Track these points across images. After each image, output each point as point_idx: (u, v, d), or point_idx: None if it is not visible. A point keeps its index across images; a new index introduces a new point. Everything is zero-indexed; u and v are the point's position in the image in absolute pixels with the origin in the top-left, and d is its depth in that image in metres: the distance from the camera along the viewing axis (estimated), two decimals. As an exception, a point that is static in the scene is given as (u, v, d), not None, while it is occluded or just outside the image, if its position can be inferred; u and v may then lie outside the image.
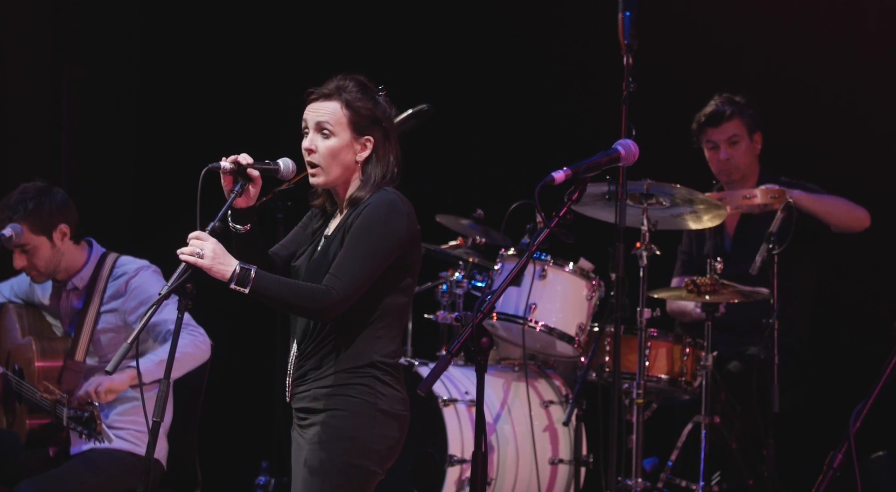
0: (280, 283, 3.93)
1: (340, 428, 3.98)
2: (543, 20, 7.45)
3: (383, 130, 4.11)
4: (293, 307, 3.98)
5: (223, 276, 3.87)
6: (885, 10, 6.72)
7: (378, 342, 4.01)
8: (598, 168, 3.88)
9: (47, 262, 5.32)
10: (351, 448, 3.97)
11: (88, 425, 5.03)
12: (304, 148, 4.07)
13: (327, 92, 4.08)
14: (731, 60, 7.02)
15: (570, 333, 6.00)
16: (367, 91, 4.10)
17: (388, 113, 4.14)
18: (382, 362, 4.02)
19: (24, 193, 5.30)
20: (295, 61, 7.56)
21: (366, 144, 4.07)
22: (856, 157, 6.71)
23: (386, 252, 3.97)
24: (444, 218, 6.76)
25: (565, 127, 7.28)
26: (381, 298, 4.00)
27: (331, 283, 3.91)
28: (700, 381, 5.96)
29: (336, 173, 4.06)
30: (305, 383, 4.05)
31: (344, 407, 3.99)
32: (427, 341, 6.57)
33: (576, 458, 6.09)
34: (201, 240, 3.88)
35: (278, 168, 4.07)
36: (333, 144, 4.04)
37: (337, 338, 4.00)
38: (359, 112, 4.06)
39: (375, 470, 4.00)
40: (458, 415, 5.98)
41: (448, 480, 5.90)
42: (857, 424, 4.01)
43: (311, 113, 4.08)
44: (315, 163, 4.06)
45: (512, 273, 3.85)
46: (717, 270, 5.89)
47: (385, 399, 4.01)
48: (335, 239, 4.02)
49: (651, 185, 5.88)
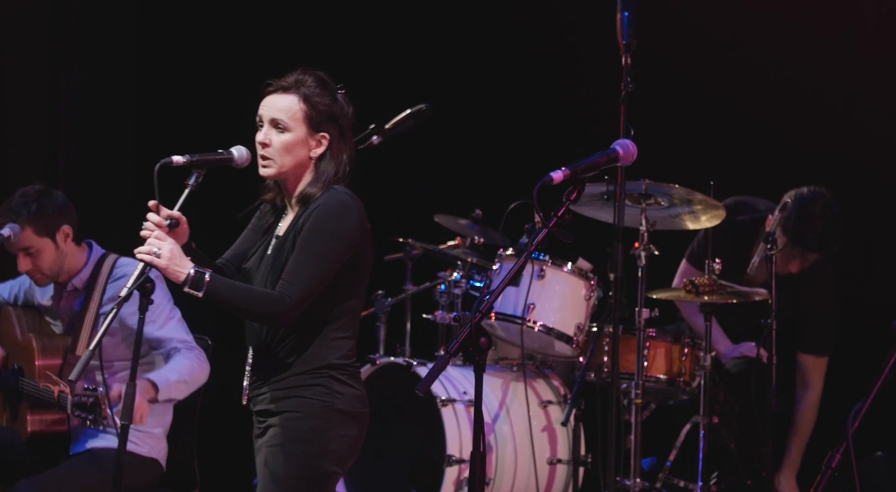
0: (234, 288, 3.91)
1: (297, 430, 3.97)
2: (542, 20, 7.45)
3: (340, 127, 4.06)
4: (247, 313, 3.96)
5: (177, 278, 3.87)
6: (885, 10, 6.72)
7: (333, 343, 3.99)
8: (596, 168, 3.87)
9: (51, 264, 5.33)
10: (309, 450, 3.96)
11: (93, 410, 5.02)
12: (257, 141, 4.03)
13: (286, 85, 4.05)
14: (730, 60, 7.02)
15: (569, 333, 6.00)
16: (326, 87, 4.07)
17: (346, 111, 4.09)
18: (338, 364, 4.00)
19: (25, 196, 5.31)
20: (294, 62, 7.53)
21: (321, 140, 4.03)
22: (856, 157, 6.71)
23: (338, 254, 3.94)
24: (442, 218, 6.76)
25: (564, 127, 7.28)
26: (334, 298, 3.97)
27: (284, 288, 3.89)
28: (698, 381, 5.96)
29: (288, 167, 4.01)
30: (262, 387, 4.03)
31: (300, 409, 3.97)
32: (425, 341, 6.57)
33: (574, 458, 6.09)
34: (160, 240, 3.88)
35: (231, 157, 4.05)
36: (288, 139, 4.01)
37: (292, 341, 3.98)
38: (316, 108, 4.02)
39: (334, 470, 3.99)
40: (456, 415, 5.98)
41: (446, 480, 5.90)
42: (856, 424, 4.01)
43: (268, 106, 4.04)
44: (268, 156, 4.01)
45: (510, 273, 3.84)
46: (715, 270, 5.89)
47: (343, 398, 3.99)
48: (286, 240, 3.99)
49: (649, 185, 5.88)
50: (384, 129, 5.34)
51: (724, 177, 6.42)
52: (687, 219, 6.10)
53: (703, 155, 6.88)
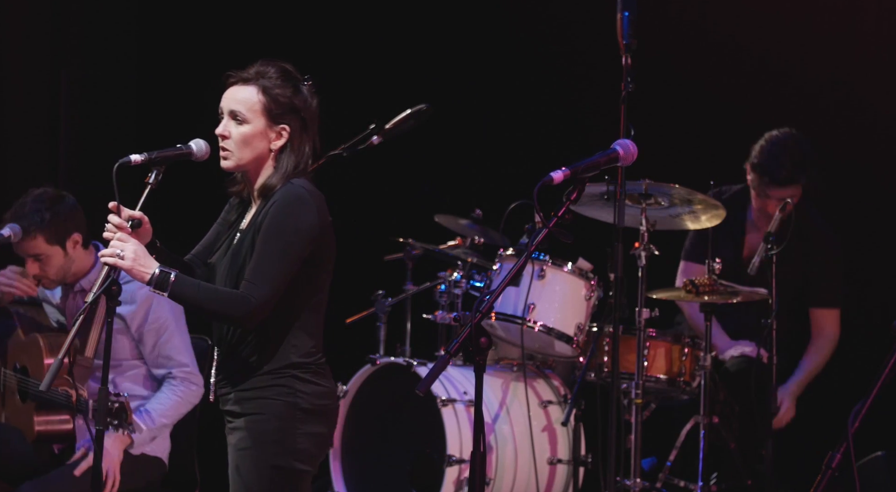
0: (199, 289, 3.88)
1: (263, 433, 3.95)
2: (542, 20, 7.45)
3: (301, 119, 4.01)
4: (213, 314, 3.93)
5: (142, 278, 3.85)
6: (885, 10, 6.72)
7: (296, 341, 3.96)
8: (596, 168, 3.87)
9: (58, 270, 5.34)
10: (276, 451, 3.94)
11: (119, 416, 5.01)
12: (217, 133, 4.01)
13: (246, 77, 4.03)
14: (730, 60, 7.02)
15: (569, 333, 6.00)
16: (288, 78, 4.03)
17: (309, 103, 4.04)
18: (301, 362, 3.96)
19: (38, 202, 5.30)
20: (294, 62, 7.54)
21: (281, 132, 4.00)
22: (856, 157, 6.71)
23: (299, 249, 3.90)
24: (442, 218, 6.76)
25: (564, 127, 7.28)
26: (294, 295, 3.93)
27: (248, 289, 3.86)
28: (699, 381, 5.96)
29: (247, 159, 3.98)
30: (227, 387, 4.01)
31: (264, 410, 3.95)
32: (425, 341, 6.57)
33: (574, 458, 6.09)
34: (123, 241, 3.86)
35: (191, 151, 4.03)
36: (246, 131, 3.98)
37: (254, 340, 3.96)
38: (276, 99, 3.98)
39: (304, 469, 3.98)
40: (456, 415, 5.98)
41: (447, 480, 5.90)
42: (856, 424, 4.01)
43: (227, 98, 4.02)
44: (227, 148, 3.99)
45: (510, 273, 3.84)
46: (715, 270, 5.89)
47: (306, 397, 3.96)
48: (248, 235, 3.96)
49: (650, 185, 5.88)
50: (384, 129, 5.34)
51: (724, 177, 6.43)
52: (687, 219, 6.10)
53: (703, 155, 6.87)
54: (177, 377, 5.31)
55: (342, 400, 6.16)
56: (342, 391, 6.16)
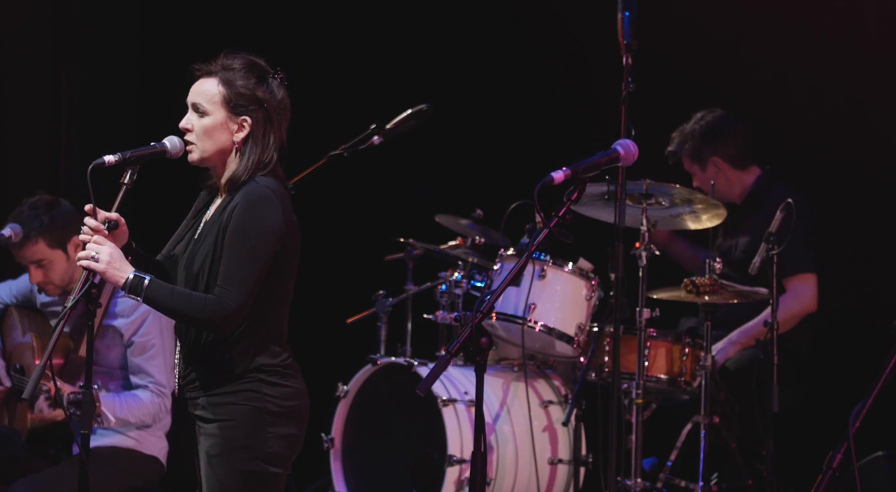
0: (173, 294, 3.86)
1: (231, 439, 3.93)
2: (542, 20, 7.44)
3: (265, 111, 3.97)
4: (187, 320, 3.90)
5: (117, 282, 3.83)
6: (884, 10, 6.72)
7: (260, 344, 3.93)
8: (597, 168, 3.87)
9: (62, 275, 5.34)
10: (246, 457, 3.92)
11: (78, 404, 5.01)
12: (180, 126, 3.99)
13: (210, 69, 4.01)
14: (730, 60, 7.02)
15: (570, 333, 6.00)
16: (252, 70, 3.99)
17: (275, 95, 3.99)
18: (267, 364, 3.94)
19: (35, 208, 5.30)
20: (293, 62, 7.54)
21: (242, 124, 3.96)
22: (856, 157, 6.71)
23: (267, 251, 3.87)
24: (443, 218, 6.76)
25: (565, 127, 7.27)
26: (259, 297, 3.89)
27: (221, 295, 3.83)
28: (699, 381, 5.96)
29: (210, 152, 3.96)
30: (196, 391, 3.99)
31: (232, 416, 3.93)
32: (426, 342, 6.57)
33: (575, 458, 6.09)
34: (98, 244, 3.84)
35: (165, 148, 4.00)
36: (207, 123, 3.95)
37: (218, 345, 3.93)
38: (236, 91, 3.95)
39: (275, 471, 3.95)
40: (457, 415, 5.98)
41: (447, 480, 5.90)
42: (857, 424, 4.01)
43: (192, 91, 4.00)
44: (191, 141, 3.97)
45: (511, 273, 3.84)
46: (715, 270, 5.89)
47: (273, 400, 3.93)
48: (211, 228, 3.93)
49: (650, 185, 5.88)
50: (385, 129, 5.35)
51: (724, 177, 6.44)
52: (688, 219, 6.10)
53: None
54: (152, 391, 5.30)
55: (343, 400, 6.17)
56: (343, 391, 6.17)
